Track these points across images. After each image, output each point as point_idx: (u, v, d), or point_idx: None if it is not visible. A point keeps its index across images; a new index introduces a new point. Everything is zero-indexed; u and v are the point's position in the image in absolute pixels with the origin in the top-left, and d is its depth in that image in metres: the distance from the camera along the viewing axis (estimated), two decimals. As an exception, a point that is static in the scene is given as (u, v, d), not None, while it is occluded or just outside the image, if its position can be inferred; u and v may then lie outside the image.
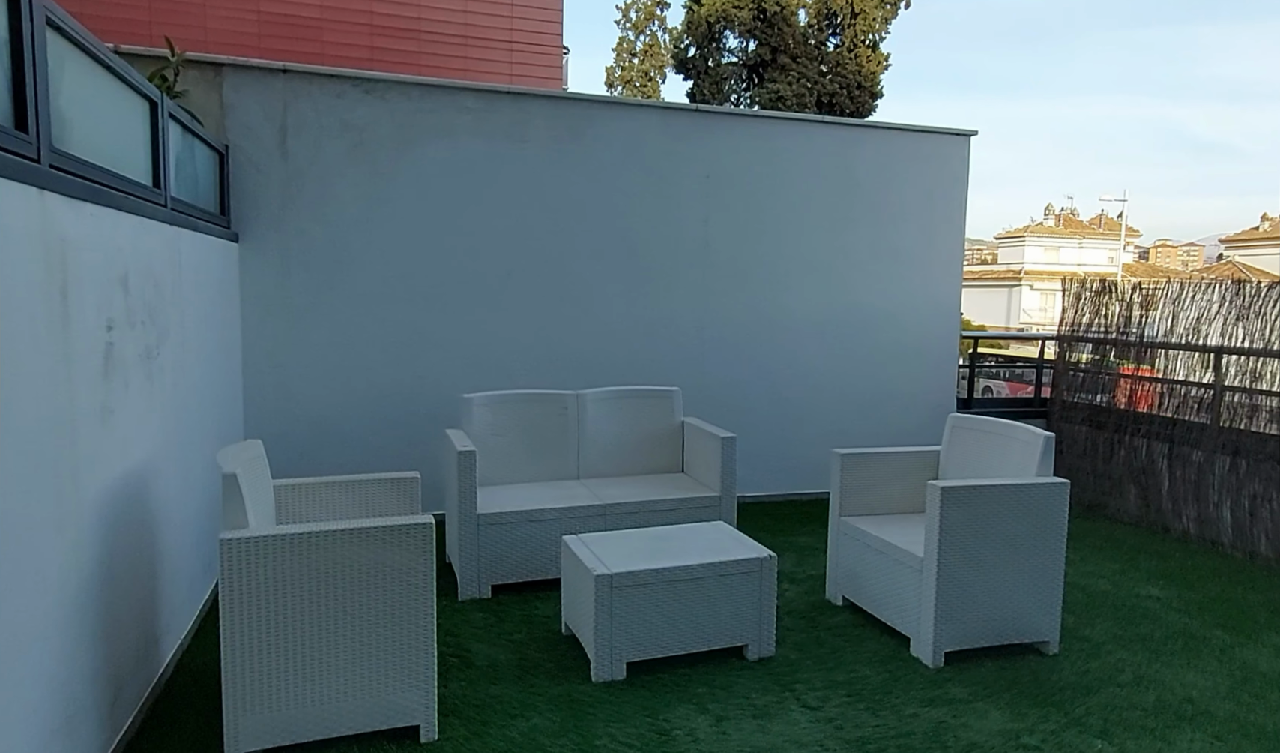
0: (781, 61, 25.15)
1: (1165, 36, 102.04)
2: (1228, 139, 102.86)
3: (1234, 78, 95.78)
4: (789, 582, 4.74)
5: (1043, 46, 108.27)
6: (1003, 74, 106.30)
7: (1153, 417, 6.11)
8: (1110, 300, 6.48)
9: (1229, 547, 5.55)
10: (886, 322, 6.57)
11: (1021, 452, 4.01)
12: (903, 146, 6.49)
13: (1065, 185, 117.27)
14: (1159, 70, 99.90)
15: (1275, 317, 5.33)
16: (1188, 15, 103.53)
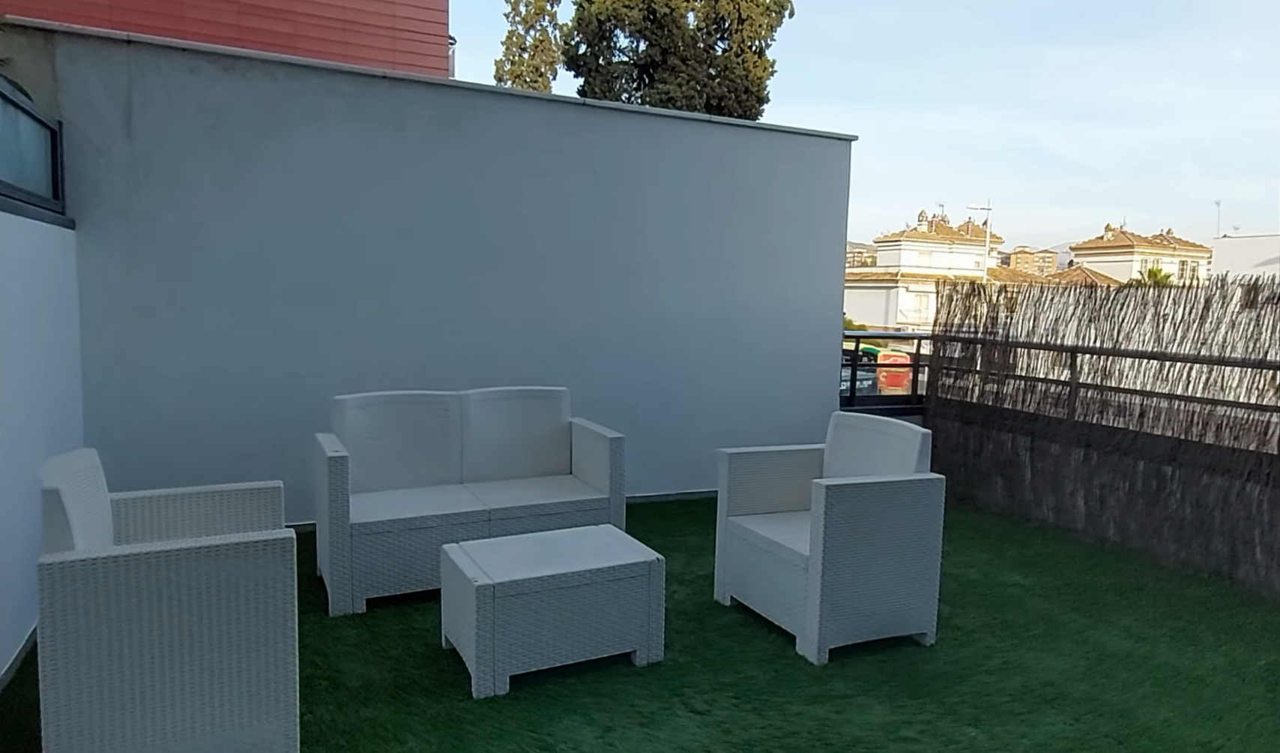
0: (672, 63, 25.40)
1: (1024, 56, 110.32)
2: (1077, 155, 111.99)
3: (1083, 98, 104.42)
4: (678, 583, 4.71)
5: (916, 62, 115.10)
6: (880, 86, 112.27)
7: (1017, 412, 6.46)
8: (979, 302, 6.81)
9: (1082, 533, 5.93)
10: (772, 321, 6.67)
11: (901, 449, 4.12)
12: (786, 149, 6.60)
13: (937, 193, 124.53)
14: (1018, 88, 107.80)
15: (1123, 319, 5.72)
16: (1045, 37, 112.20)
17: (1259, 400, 5.01)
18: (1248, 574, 4.96)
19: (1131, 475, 5.61)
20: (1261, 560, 4.90)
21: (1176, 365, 5.41)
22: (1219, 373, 5.20)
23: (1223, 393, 5.18)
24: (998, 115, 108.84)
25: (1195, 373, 5.31)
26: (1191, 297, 5.32)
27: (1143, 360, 5.62)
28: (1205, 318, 5.24)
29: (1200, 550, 5.20)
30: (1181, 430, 5.37)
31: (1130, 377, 5.72)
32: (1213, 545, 5.14)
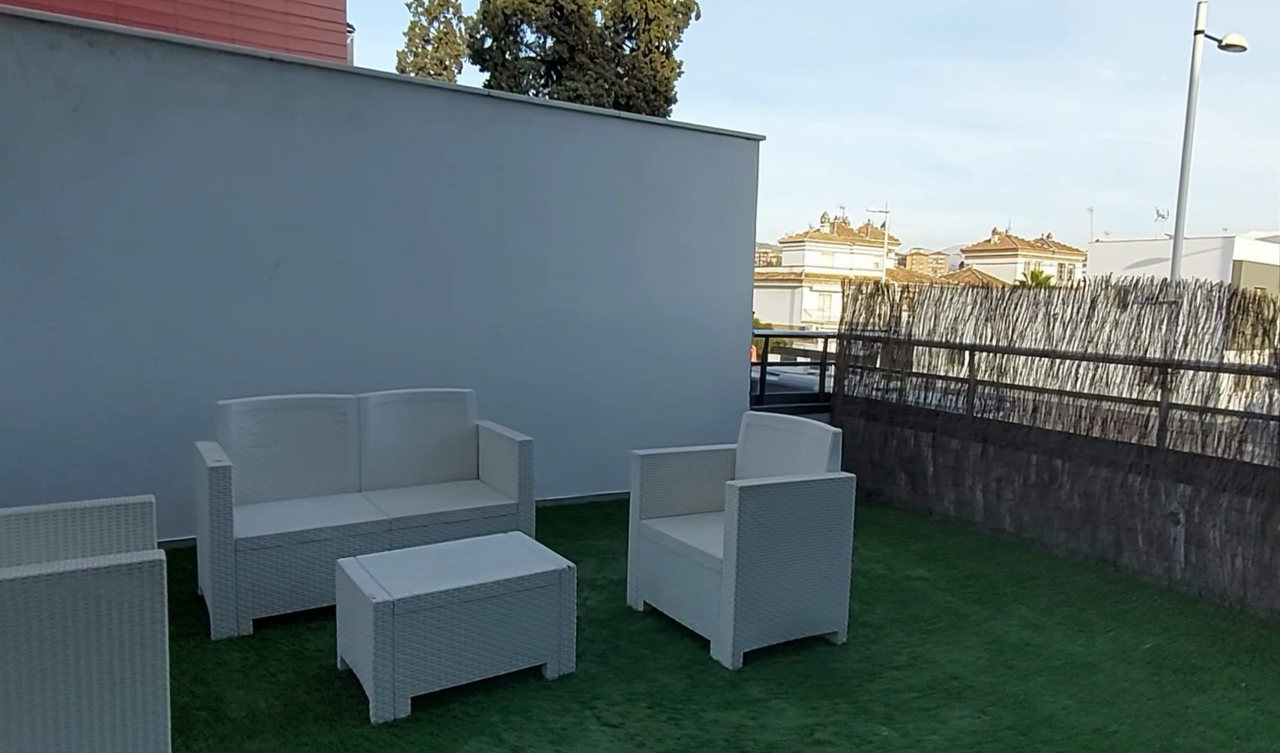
0: (579, 61, 25.23)
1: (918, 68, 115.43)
2: (965, 163, 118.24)
3: (970, 110, 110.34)
4: (590, 589, 4.59)
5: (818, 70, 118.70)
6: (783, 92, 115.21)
7: (920, 409, 6.63)
8: (882, 302, 6.97)
9: (980, 525, 6.14)
10: (682, 321, 6.63)
11: (812, 448, 4.12)
12: (696, 148, 6.58)
13: (838, 196, 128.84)
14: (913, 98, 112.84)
15: (1017, 318, 5.95)
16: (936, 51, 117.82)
17: (1139, 396, 5.29)
18: (1130, 560, 5.23)
19: (1025, 469, 5.84)
20: (1142, 547, 5.17)
21: (1066, 363, 5.66)
22: (1104, 370, 5.46)
23: (1107, 389, 5.45)
24: (894, 123, 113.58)
25: (1083, 370, 5.57)
26: (1079, 297, 5.57)
27: (1035, 358, 5.85)
28: (1091, 318, 5.50)
29: (1088, 539, 5.45)
30: (1070, 425, 5.61)
31: (1024, 374, 5.95)
32: (1099, 534, 5.39)
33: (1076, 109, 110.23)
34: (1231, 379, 4.90)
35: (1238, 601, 4.68)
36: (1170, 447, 5.08)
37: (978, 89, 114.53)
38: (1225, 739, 3.25)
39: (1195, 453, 4.95)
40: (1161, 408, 5.16)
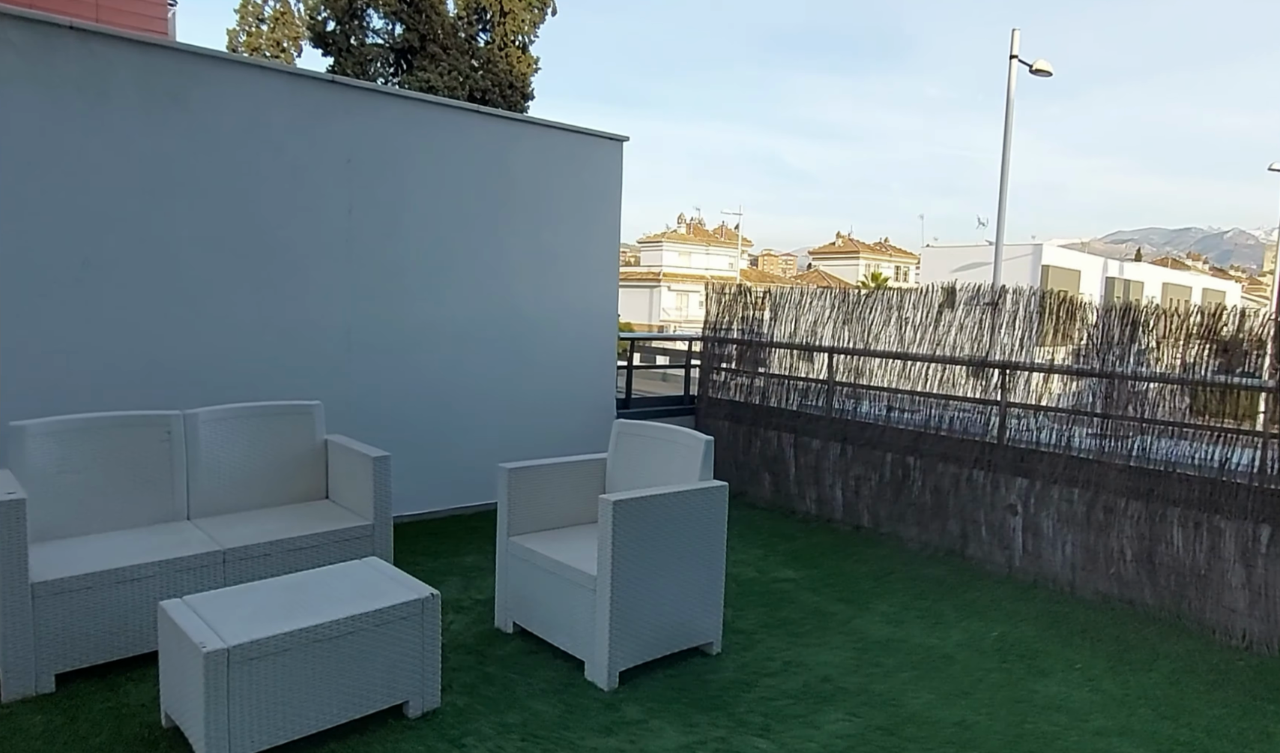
0: (431, 51, 24.35)
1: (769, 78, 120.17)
2: (811, 169, 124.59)
3: (816, 119, 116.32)
4: (455, 611, 4.33)
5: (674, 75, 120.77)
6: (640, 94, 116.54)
7: (783, 410, 6.78)
8: (745, 305, 7.07)
9: (840, 522, 6.34)
10: (548, 324, 6.44)
11: (684, 456, 4.06)
12: (559, 147, 6.40)
13: (694, 198, 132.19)
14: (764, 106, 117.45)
15: (872, 321, 6.18)
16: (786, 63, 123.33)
17: (982, 396, 5.62)
18: (975, 551, 5.55)
19: (881, 467, 6.08)
20: (986, 538, 5.50)
21: (917, 364, 5.93)
22: (950, 371, 5.77)
23: (954, 389, 5.76)
24: (747, 129, 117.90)
25: (932, 371, 5.86)
26: (928, 302, 5.86)
27: (889, 360, 6.10)
28: (939, 321, 5.79)
29: (938, 532, 5.73)
30: (922, 424, 5.89)
31: (879, 375, 6.19)
32: (948, 527, 5.69)
33: (908, 123, 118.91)
34: (1059, 377, 5.29)
35: (1068, 584, 5.06)
36: (1009, 443, 5.43)
37: (823, 100, 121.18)
38: (1069, 722, 3.46)
39: (1030, 448, 5.31)
40: (1001, 407, 5.50)
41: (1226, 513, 4.47)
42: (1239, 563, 4.41)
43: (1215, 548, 4.50)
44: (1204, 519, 4.54)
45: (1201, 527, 4.55)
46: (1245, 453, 4.46)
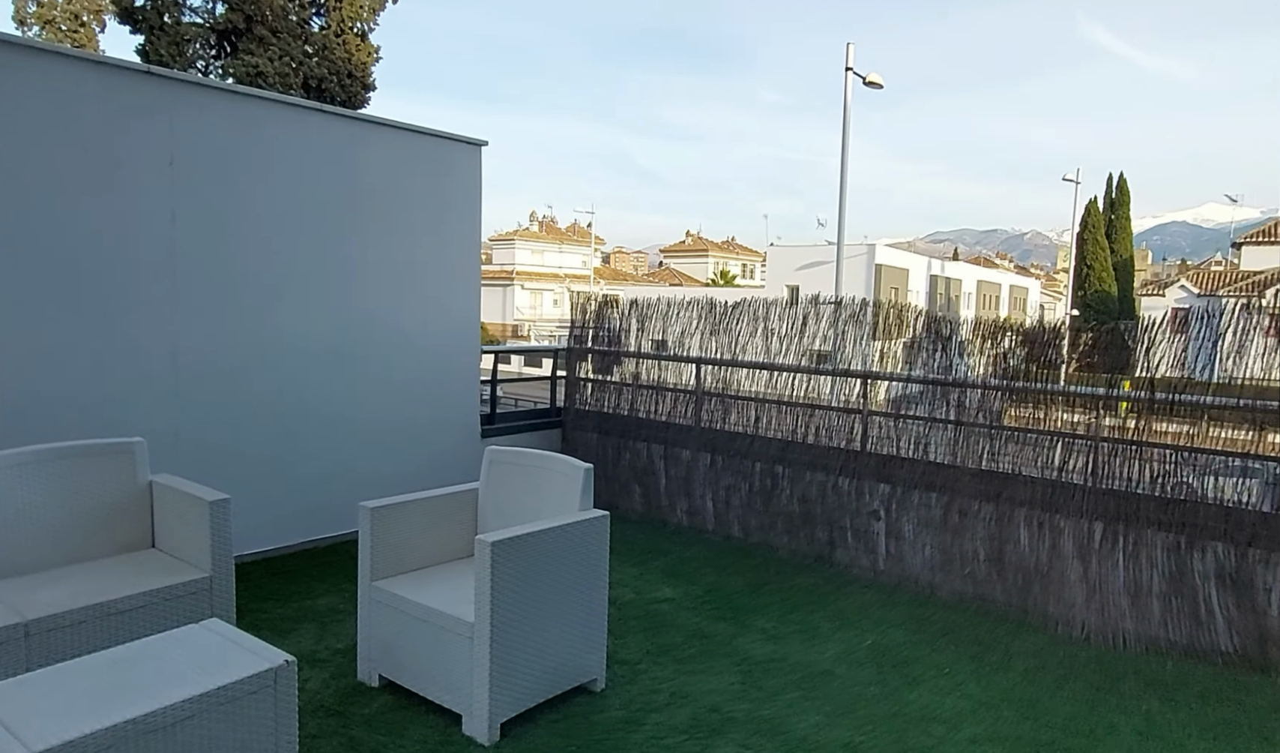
0: (259, 33, 22.61)
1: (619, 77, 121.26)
2: (660, 168, 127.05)
3: (665, 119, 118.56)
4: (311, 665, 3.93)
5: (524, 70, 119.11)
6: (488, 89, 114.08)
7: (652, 421, 6.72)
8: (612, 314, 6.96)
9: (712, 533, 6.36)
10: (404, 340, 6.03)
11: (562, 485, 3.87)
12: (414, 150, 6.01)
13: (546, 195, 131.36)
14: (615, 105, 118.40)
15: (739, 332, 6.23)
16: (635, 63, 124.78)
17: (845, 404, 5.79)
18: (842, 556, 5.71)
19: (750, 476, 6.14)
20: (852, 544, 5.67)
21: (783, 375, 6.03)
22: (815, 381, 5.91)
23: (819, 398, 5.90)
24: (596, 127, 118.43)
25: (798, 381, 5.97)
26: (793, 313, 5.97)
27: (756, 370, 6.17)
28: (804, 332, 5.91)
29: (806, 539, 5.86)
30: (789, 433, 6.00)
31: (747, 385, 6.26)
32: (816, 534, 5.82)
33: (749, 125, 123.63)
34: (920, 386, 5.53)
35: (928, 586, 5.30)
36: (871, 450, 5.62)
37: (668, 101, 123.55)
38: (944, 732, 3.57)
39: (892, 455, 5.52)
40: (863, 415, 5.68)
41: (1065, 512, 4.81)
42: (1077, 559, 4.76)
43: (1056, 546, 4.84)
44: (1046, 519, 4.88)
45: (1044, 526, 4.88)
46: (1080, 454, 4.82)
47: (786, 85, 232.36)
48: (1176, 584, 4.47)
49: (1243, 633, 4.29)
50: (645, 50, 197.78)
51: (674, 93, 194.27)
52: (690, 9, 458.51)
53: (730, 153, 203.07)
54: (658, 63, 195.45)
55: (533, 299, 55.97)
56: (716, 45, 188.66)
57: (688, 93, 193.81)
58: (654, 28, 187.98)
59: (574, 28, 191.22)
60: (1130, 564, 4.60)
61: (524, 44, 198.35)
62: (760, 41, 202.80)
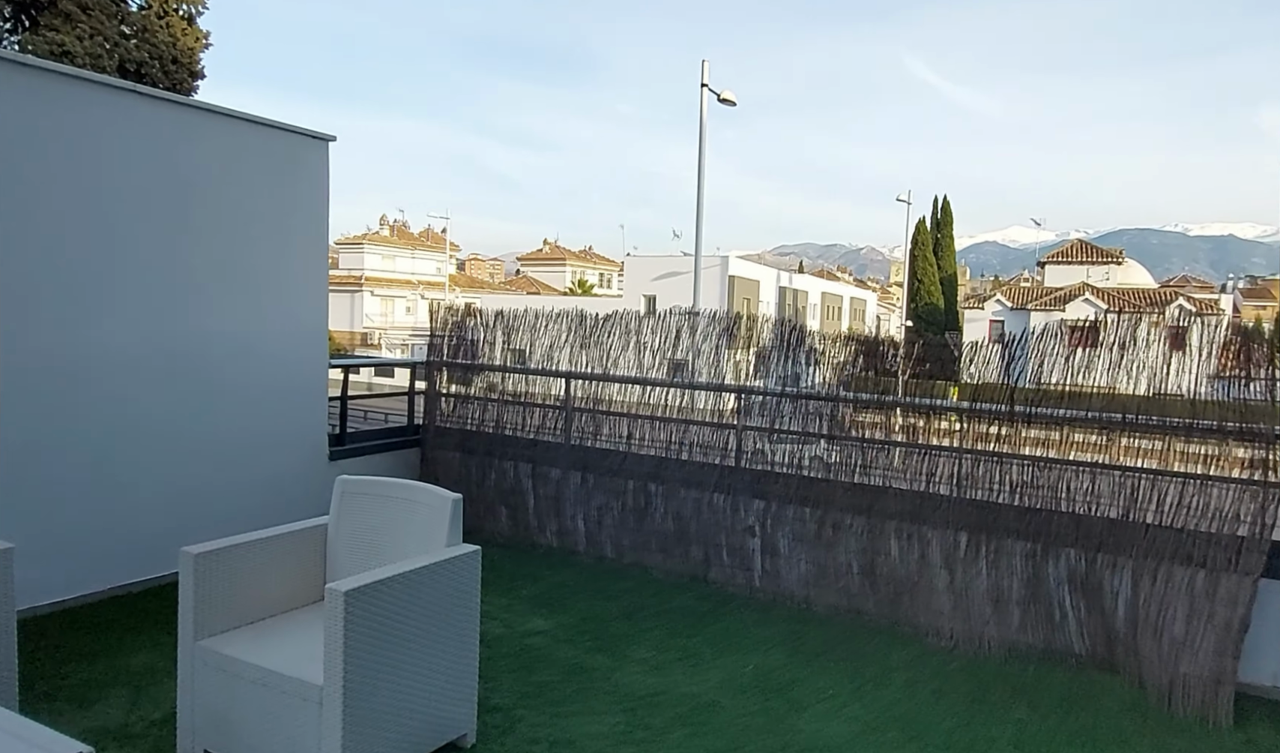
0: (65, 8, 20.21)
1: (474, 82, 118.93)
2: (516, 175, 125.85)
3: (521, 126, 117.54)
4: (121, 742, 3.32)
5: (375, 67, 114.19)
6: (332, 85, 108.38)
7: (519, 439, 6.36)
8: (476, 325, 6.55)
9: (584, 554, 6.09)
10: (243, 352, 5.37)
11: (427, 517, 3.48)
12: (253, 143, 5.37)
13: (397, 198, 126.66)
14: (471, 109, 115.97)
15: (610, 346, 6.01)
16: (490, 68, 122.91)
17: (720, 420, 5.69)
18: (718, 575, 5.59)
19: (623, 495, 5.92)
20: (727, 561, 5.57)
21: (657, 390, 5.86)
22: (690, 396, 5.78)
23: (694, 414, 5.77)
24: (449, 130, 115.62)
25: (672, 397, 5.82)
26: (666, 327, 5.81)
27: (629, 385, 5.97)
28: (677, 346, 5.77)
29: (681, 558, 5.71)
30: (663, 450, 5.83)
31: (619, 401, 6.04)
32: (691, 552, 5.68)
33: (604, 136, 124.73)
34: (790, 403, 5.51)
35: (804, 600, 5.27)
36: (746, 466, 5.55)
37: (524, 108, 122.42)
38: (834, 758, 3.47)
39: (766, 470, 5.47)
40: (739, 430, 5.61)
41: (932, 523, 4.91)
42: (943, 569, 4.86)
43: (924, 556, 4.93)
44: (915, 530, 4.96)
45: (913, 537, 4.96)
46: (946, 466, 4.94)
47: (641, 99, 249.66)
48: (1034, 590, 4.64)
49: (1092, 635, 4.51)
50: (502, 56, 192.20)
51: (531, 100, 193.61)
52: (542, 18, 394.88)
53: (587, 162, 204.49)
54: (515, 70, 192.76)
55: (383, 306, 53.58)
56: (573, 56, 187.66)
57: (545, 101, 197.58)
58: (510, 35, 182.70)
59: (429, 28, 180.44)
60: (992, 572, 4.74)
61: (375, 42, 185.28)
62: (616, 55, 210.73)
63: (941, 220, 49.03)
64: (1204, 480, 4.23)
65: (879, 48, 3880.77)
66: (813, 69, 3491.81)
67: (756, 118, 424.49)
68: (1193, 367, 4.37)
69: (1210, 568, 4.12)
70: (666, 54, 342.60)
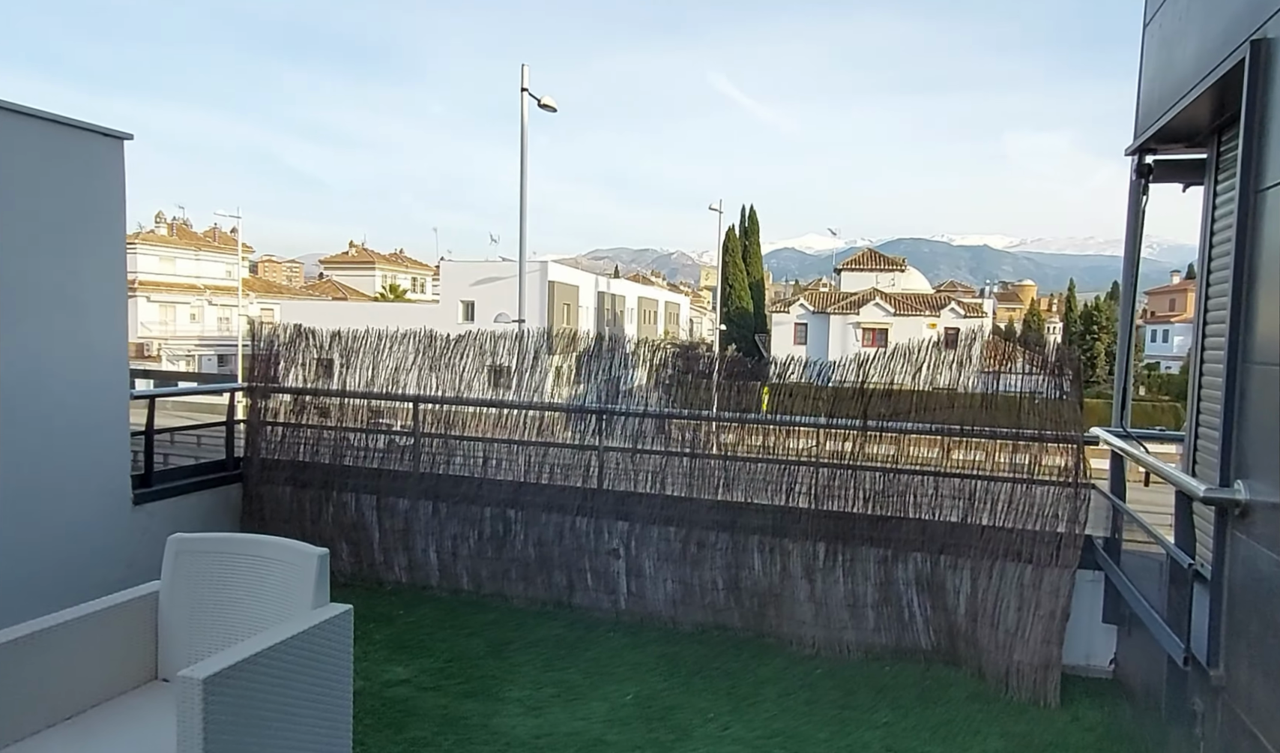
0: None
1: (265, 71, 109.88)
2: (316, 172, 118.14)
3: (320, 121, 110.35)
4: None
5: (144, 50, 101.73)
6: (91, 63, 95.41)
7: (360, 469, 5.89)
8: (308, 347, 5.98)
9: (438, 588, 5.74)
10: (29, 384, 4.53)
11: (285, 576, 3.10)
12: (29, 141, 4.55)
13: (176, 194, 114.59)
14: (260, 101, 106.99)
15: (463, 368, 5.71)
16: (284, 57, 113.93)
17: (580, 441, 5.57)
18: (582, 599, 5.47)
19: (480, 523, 5.65)
20: (592, 585, 5.46)
21: (514, 412, 5.64)
22: (549, 418, 5.61)
23: (554, 436, 5.61)
24: (237, 122, 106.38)
25: (530, 419, 5.62)
26: (521, 348, 5.60)
27: (483, 408, 5.70)
28: (535, 367, 5.59)
29: (544, 585, 5.53)
30: (521, 474, 5.62)
31: (473, 425, 5.75)
32: (554, 578, 5.52)
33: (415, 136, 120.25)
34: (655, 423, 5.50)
35: (671, 620, 5.27)
36: (609, 488, 5.47)
37: (327, 102, 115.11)
38: (728, 785, 3.48)
39: (630, 491, 5.42)
40: (600, 451, 5.52)
41: (792, 535, 5.08)
42: (804, 579, 5.05)
43: (786, 568, 5.09)
44: (776, 544, 5.11)
45: (775, 550, 5.11)
46: (806, 480, 5.13)
47: (454, 99, 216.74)
48: (885, 593, 4.93)
49: (938, 631, 4.86)
50: (296, 46, 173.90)
51: (330, 94, 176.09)
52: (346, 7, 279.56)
53: (396, 162, 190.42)
54: (311, 61, 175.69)
55: (163, 313, 48.26)
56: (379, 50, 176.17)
57: (345, 96, 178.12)
58: (304, 23, 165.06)
59: (210, 10, 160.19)
60: (848, 579, 4.98)
61: (149, 22, 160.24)
62: (426, 52, 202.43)
63: (749, 229, 51.82)
64: (1028, 483, 4.68)
65: (685, 62, 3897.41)
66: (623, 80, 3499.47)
67: (569, 125, 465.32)
68: (968, 365, 4.86)
69: (1036, 563, 4.57)
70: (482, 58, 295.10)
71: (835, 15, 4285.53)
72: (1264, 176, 2.76)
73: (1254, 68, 2.80)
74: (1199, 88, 3.43)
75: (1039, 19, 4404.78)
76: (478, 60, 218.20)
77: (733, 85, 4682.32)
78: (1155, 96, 4.22)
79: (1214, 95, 3.39)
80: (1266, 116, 2.76)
